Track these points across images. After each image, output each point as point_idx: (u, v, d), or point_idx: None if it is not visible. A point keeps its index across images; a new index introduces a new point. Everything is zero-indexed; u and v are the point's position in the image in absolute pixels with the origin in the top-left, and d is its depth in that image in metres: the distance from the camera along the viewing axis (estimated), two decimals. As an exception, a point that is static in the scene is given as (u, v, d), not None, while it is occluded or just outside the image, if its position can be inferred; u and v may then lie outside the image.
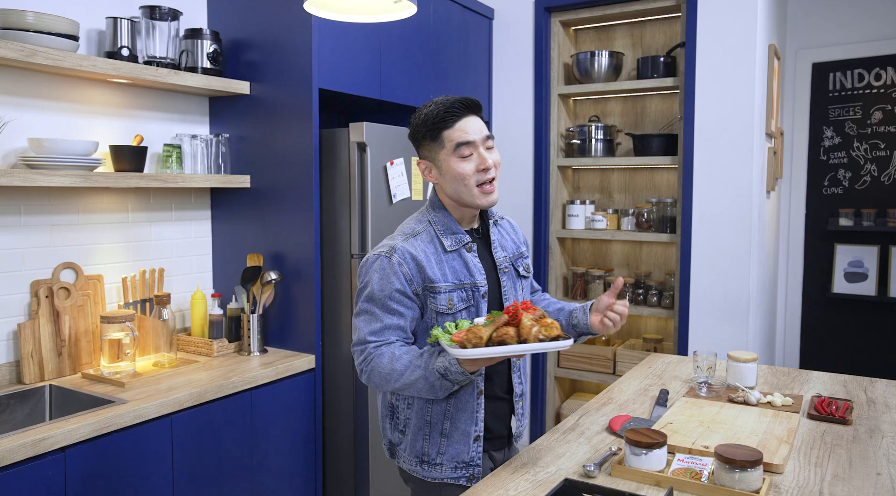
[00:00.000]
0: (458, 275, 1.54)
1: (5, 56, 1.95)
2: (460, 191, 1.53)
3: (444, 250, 1.55)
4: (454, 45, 3.37)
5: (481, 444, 1.57)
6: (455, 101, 1.53)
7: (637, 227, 3.47)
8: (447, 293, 1.52)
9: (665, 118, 3.56)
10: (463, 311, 1.53)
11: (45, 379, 2.22)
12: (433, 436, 1.57)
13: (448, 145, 1.52)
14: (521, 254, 1.72)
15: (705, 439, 1.57)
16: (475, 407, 1.55)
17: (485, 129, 1.56)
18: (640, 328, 3.70)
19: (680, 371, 2.22)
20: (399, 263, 1.52)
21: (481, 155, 1.52)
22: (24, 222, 2.22)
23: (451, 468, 1.57)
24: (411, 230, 1.59)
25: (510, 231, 1.74)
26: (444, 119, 1.52)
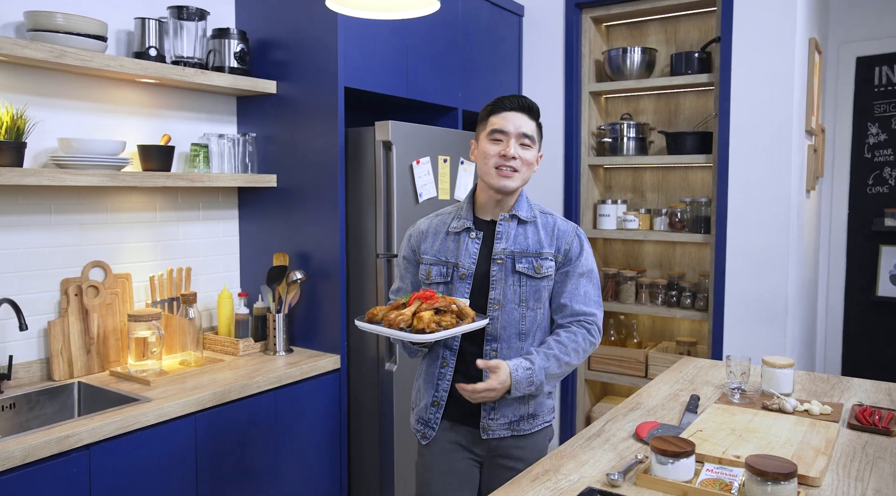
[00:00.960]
0: (446, 254, 1.73)
1: (35, 57, 1.98)
2: (482, 169, 1.70)
3: (447, 231, 1.76)
4: (483, 43, 3.33)
5: (439, 412, 1.74)
6: (512, 96, 1.70)
7: (670, 228, 3.38)
8: (427, 265, 1.74)
9: (699, 115, 3.46)
10: (440, 285, 1.71)
11: (75, 376, 2.25)
12: (416, 388, 1.84)
13: (488, 128, 1.70)
14: (539, 254, 1.69)
15: (737, 448, 1.51)
16: (436, 375, 1.74)
17: (527, 127, 1.68)
18: (673, 330, 3.61)
19: (712, 376, 2.14)
20: (411, 235, 1.83)
21: (509, 144, 1.66)
22: (55, 221, 2.25)
23: (416, 420, 1.81)
24: (441, 210, 1.85)
25: (544, 232, 1.72)
26: (495, 105, 1.70)
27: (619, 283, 3.53)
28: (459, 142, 2.98)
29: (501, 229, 1.71)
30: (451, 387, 1.71)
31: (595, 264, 1.78)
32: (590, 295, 1.72)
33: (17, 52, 1.94)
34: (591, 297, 1.73)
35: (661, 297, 3.43)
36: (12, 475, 1.67)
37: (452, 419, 1.75)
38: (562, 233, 1.73)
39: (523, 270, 1.67)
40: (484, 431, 1.71)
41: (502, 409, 1.70)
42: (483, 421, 1.70)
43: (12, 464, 1.66)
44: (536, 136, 1.71)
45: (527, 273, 1.67)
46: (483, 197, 1.74)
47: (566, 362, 1.65)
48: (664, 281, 3.44)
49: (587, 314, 1.71)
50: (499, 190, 1.68)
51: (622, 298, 3.51)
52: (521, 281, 1.68)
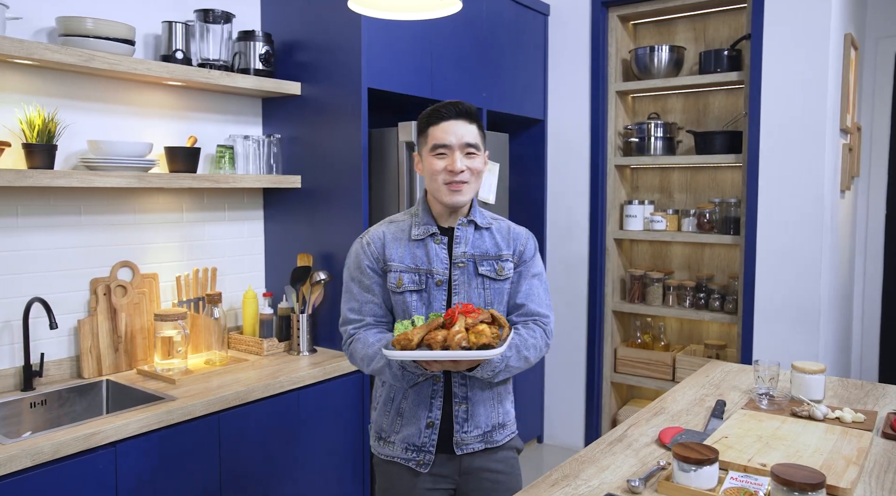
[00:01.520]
0: (416, 261, 1.63)
1: (65, 61, 2.02)
2: (432, 186, 1.63)
3: (410, 238, 1.65)
4: (508, 43, 3.31)
5: (435, 432, 1.62)
6: (448, 103, 1.62)
7: (698, 229, 3.32)
8: (398, 273, 1.63)
9: (729, 114, 3.40)
10: (414, 293, 1.62)
11: (103, 374, 2.29)
12: (391, 414, 1.68)
13: (429, 142, 1.61)
14: (499, 257, 1.66)
15: (763, 456, 1.47)
16: (430, 393, 1.62)
17: (470, 136, 1.60)
18: (701, 333, 3.55)
19: (740, 381, 2.10)
20: (368, 243, 1.67)
21: (454, 158, 1.59)
22: (84, 222, 2.30)
23: (402, 448, 1.66)
24: (392, 218, 1.73)
25: (500, 236, 1.69)
26: (432, 116, 1.61)
27: (646, 285, 3.48)
28: (483, 142, 2.96)
29: (460, 234, 1.66)
30: (443, 408, 1.63)
31: (545, 270, 1.75)
32: (542, 297, 1.69)
33: (49, 56, 1.99)
34: (544, 300, 1.70)
35: (688, 300, 3.37)
36: (42, 470, 1.70)
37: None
38: (517, 235, 1.72)
39: (486, 273, 1.64)
40: (458, 447, 1.63)
41: (475, 419, 1.64)
42: (457, 435, 1.63)
43: (42, 460, 1.69)
44: (480, 141, 1.63)
45: (489, 275, 1.64)
46: (437, 208, 1.67)
47: (525, 357, 1.59)
48: (692, 283, 3.38)
49: (542, 315, 1.68)
50: (452, 206, 1.62)
51: (649, 300, 3.46)
52: (484, 284, 1.64)
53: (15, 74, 2.10)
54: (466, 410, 1.63)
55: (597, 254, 3.53)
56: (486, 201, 2.99)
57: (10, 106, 2.09)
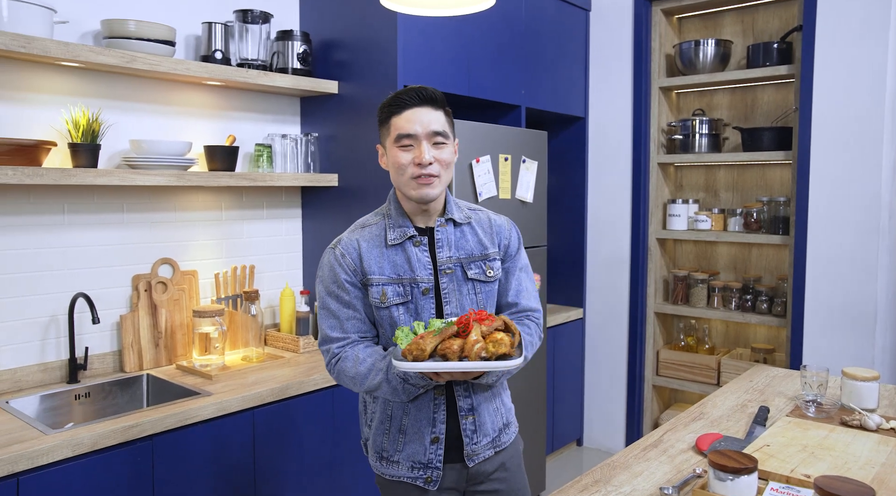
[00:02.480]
0: (398, 270, 1.50)
1: (108, 63, 2.07)
2: (398, 180, 1.50)
3: (386, 244, 1.51)
4: (548, 39, 3.26)
5: (441, 447, 1.51)
6: (409, 89, 1.48)
7: (745, 228, 3.21)
8: (380, 286, 1.49)
9: (778, 110, 3.27)
10: (400, 306, 1.49)
11: (144, 368, 2.35)
12: (392, 432, 1.55)
13: (392, 133, 1.48)
14: (485, 256, 1.55)
15: (808, 467, 1.40)
16: (432, 407, 1.51)
17: (437, 123, 1.47)
18: (748, 337, 3.43)
19: (786, 387, 2.01)
20: (342, 254, 1.52)
21: (422, 149, 1.46)
22: (127, 220, 2.35)
23: (408, 467, 1.54)
24: (363, 221, 1.59)
25: (481, 231, 1.57)
26: (393, 104, 1.48)
27: (690, 286, 3.38)
28: (521, 140, 2.92)
29: (441, 236, 1.53)
30: (448, 420, 1.53)
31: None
32: (531, 290, 1.61)
33: (92, 58, 2.04)
34: (532, 293, 1.61)
35: (734, 302, 3.26)
36: (82, 461, 1.74)
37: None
38: (499, 227, 1.60)
39: (476, 277, 1.53)
40: (469, 459, 1.54)
41: (483, 428, 1.55)
42: (467, 448, 1.53)
43: (82, 451, 1.74)
44: (448, 128, 1.50)
45: (479, 279, 1.53)
46: (408, 206, 1.54)
47: (524, 357, 1.44)
48: (738, 284, 3.27)
49: (533, 310, 1.59)
50: (421, 200, 1.48)
51: (693, 302, 3.36)
52: (475, 288, 1.53)
53: (61, 76, 2.16)
54: (474, 422, 1.53)
55: (638, 254, 3.44)
56: (524, 200, 2.95)
57: (57, 107, 2.16)
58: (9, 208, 2.08)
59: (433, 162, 1.46)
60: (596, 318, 3.64)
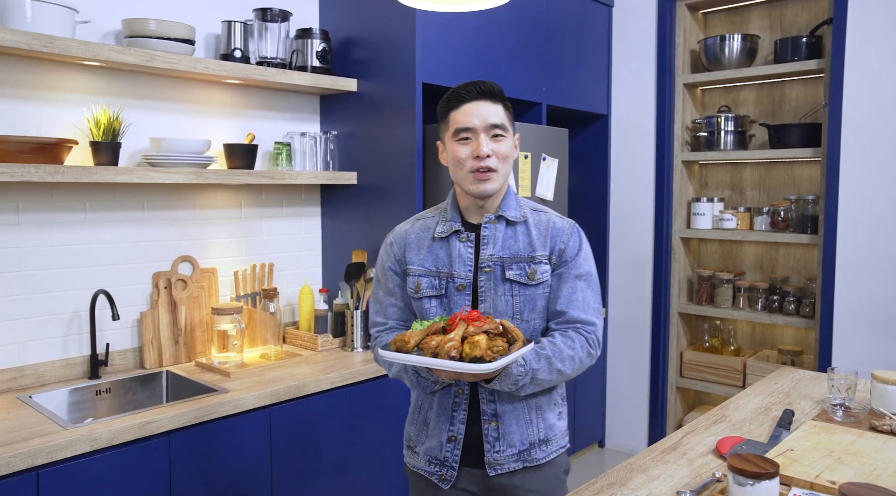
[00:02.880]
0: (437, 264, 1.51)
1: (128, 61, 2.09)
2: (457, 175, 1.49)
3: (433, 237, 1.53)
4: (569, 35, 3.22)
5: (457, 448, 1.50)
6: (468, 84, 1.48)
7: (772, 227, 3.13)
8: (416, 277, 1.52)
9: (806, 106, 3.19)
10: (433, 299, 1.50)
11: (163, 365, 2.36)
12: (418, 423, 1.58)
13: (451, 127, 1.49)
14: (531, 259, 1.48)
15: (833, 473, 1.35)
16: (451, 405, 1.50)
17: (495, 116, 1.46)
18: (774, 338, 3.35)
19: (812, 390, 1.95)
20: (391, 244, 1.59)
21: (479, 142, 1.45)
22: (147, 217, 2.37)
23: (426, 461, 1.55)
24: (422, 214, 1.62)
25: (536, 232, 1.51)
26: (452, 98, 1.49)
27: (715, 286, 3.32)
28: (542, 137, 2.89)
29: (487, 233, 1.50)
30: (468, 419, 1.50)
31: (594, 267, 1.55)
32: (588, 301, 1.50)
33: (113, 57, 2.06)
34: (591, 304, 1.50)
35: (761, 302, 3.19)
36: (100, 456, 1.76)
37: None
38: (557, 231, 1.51)
39: (514, 277, 1.47)
40: (490, 467, 1.48)
41: (508, 438, 1.48)
42: (488, 455, 1.48)
43: (100, 446, 1.75)
44: (507, 122, 1.48)
45: (518, 280, 1.47)
46: (465, 201, 1.52)
47: (557, 369, 1.42)
48: (765, 284, 3.20)
49: (585, 322, 1.49)
50: (479, 195, 1.47)
51: (717, 302, 3.30)
52: (512, 290, 1.48)
53: (83, 76, 2.19)
54: (497, 429, 1.48)
55: (662, 254, 3.39)
56: (544, 198, 2.92)
57: (79, 106, 2.18)
58: (33, 206, 2.11)
59: (491, 155, 1.45)
60: (618, 318, 3.59)
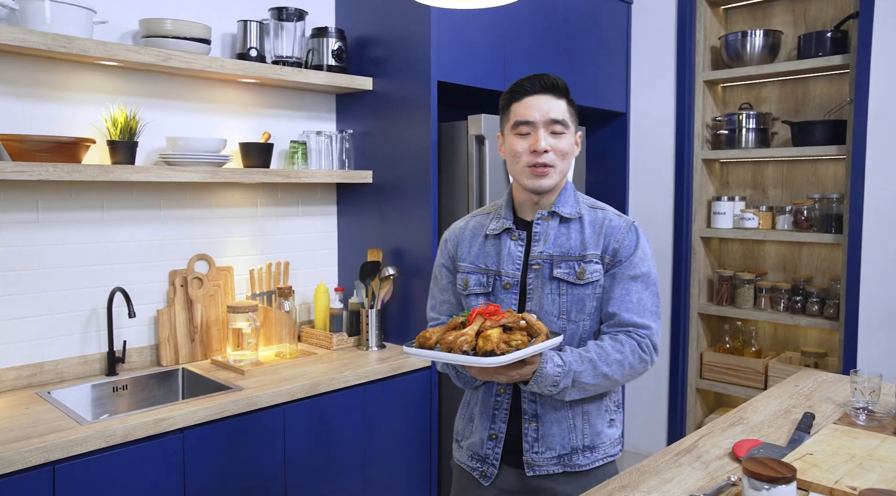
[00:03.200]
0: (486, 261, 1.52)
1: (144, 61, 2.11)
2: (513, 168, 1.49)
3: (486, 234, 1.54)
4: (587, 32, 3.19)
5: (498, 446, 1.51)
6: (532, 77, 1.47)
7: (795, 227, 3.07)
8: (465, 274, 1.54)
9: (831, 102, 3.12)
10: (480, 296, 1.50)
11: (180, 362, 2.38)
12: (465, 418, 1.61)
13: (511, 120, 1.48)
14: (582, 257, 1.45)
15: (854, 479, 1.31)
16: (493, 404, 1.51)
17: (557, 111, 1.45)
18: (797, 340, 3.28)
19: (834, 392, 1.90)
20: (446, 240, 1.61)
21: (538, 136, 1.44)
22: (164, 216, 2.39)
23: (469, 456, 1.57)
24: (480, 210, 1.63)
25: (590, 230, 1.48)
26: (514, 91, 1.48)
27: (736, 286, 3.26)
28: (558, 135, 2.86)
29: (539, 229, 1.48)
30: (510, 418, 1.50)
31: (654, 268, 1.49)
32: (644, 303, 1.45)
33: (129, 57, 2.07)
34: (647, 307, 1.45)
35: (783, 303, 3.12)
36: (114, 452, 1.77)
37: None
38: (612, 229, 1.47)
39: (562, 276, 1.44)
40: (529, 468, 1.47)
41: (548, 440, 1.46)
42: (527, 455, 1.47)
43: (114, 442, 1.77)
44: (569, 117, 1.46)
45: (567, 279, 1.44)
46: (520, 196, 1.52)
47: (603, 374, 1.39)
48: (787, 285, 3.13)
49: (639, 326, 1.43)
50: (535, 190, 1.46)
51: (738, 302, 3.24)
52: (560, 288, 1.44)
53: (101, 75, 2.21)
54: (537, 430, 1.47)
55: (681, 253, 3.34)
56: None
57: (97, 105, 2.20)
58: (52, 204, 2.14)
59: (549, 150, 1.44)
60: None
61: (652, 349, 1.46)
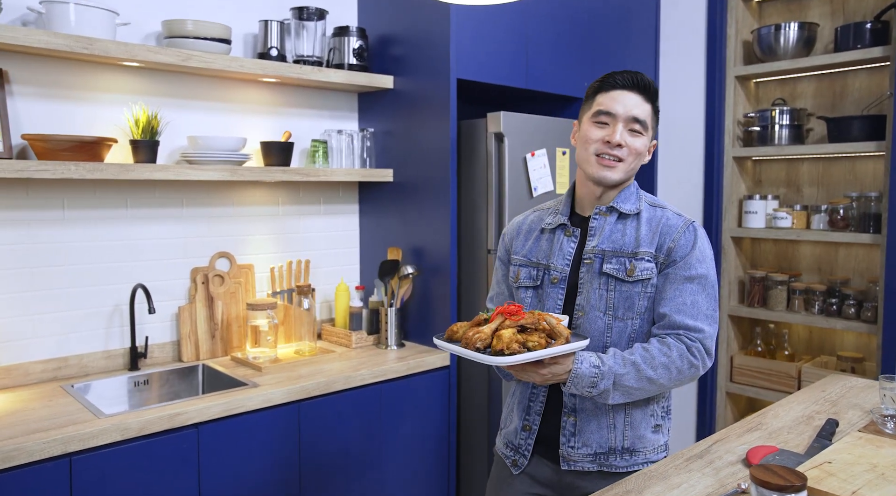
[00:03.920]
0: (538, 255, 1.54)
1: (165, 61, 2.14)
2: (581, 155, 1.49)
3: (542, 229, 1.56)
4: (614, 27, 3.13)
5: (531, 437, 1.53)
6: (625, 72, 1.47)
7: (830, 226, 2.95)
8: (517, 266, 1.57)
9: (870, 96, 2.99)
10: (529, 289, 1.53)
11: (200, 358, 2.41)
12: (508, 406, 1.63)
13: (594, 108, 1.48)
14: (634, 254, 1.43)
15: (873, 490, 1.24)
16: (529, 396, 1.54)
17: (639, 110, 1.44)
18: (833, 344, 3.16)
19: (863, 399, 1.82)
20: (504, 234, 1.65)
21: (615, 129, 1.43)
22: (186, 214, 2.43)
23: (504, 444, 1.60)
24: (544, 204, 1.65)
25: (647, 227, 1.45)
26: (604, 82, 1.48)
27: (768, 288, 3.15)
28: (581, 133, 2.81)
29: (595, 224, 1.48)
30: (546, 411, 1.51)
31: (713, 270, 1.44)
32: (699, 305, 1.40)
33: (150, 57, 2.11)
34: (701, 309, 1.40)
35: (817, 305, 3.01)
36: (130, 445, 1.81)
37: (535, 449, 1.55)
38: (669, 228, 1.44)
39: (611, 272, 1.42)
40: (564, 461, 1.48)
41: (585, 436, 1.46)
42: (562, 448, 1.47)
43: (129, 436, 1.80)
44: (650, 121, 1.46)
45: (615, 275, 1.42)
46: (583, 190, 1.51)
47: (648, 377, 1.36)
48: (823, 286, 3.02)
49: (690, 329, 1.39)
50: (598, 181, 1.45)
51: (771, 304, 3.13)
52: (608, 284, 1.43)
53: (123, 76, 2.25)
54: (574, 424, 1.46)
55: (711, 254, 3.24)
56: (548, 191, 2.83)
57: (120, 106, 2.25)
58: (77, 202, 2.19)
59: (623, 145, 1.43)
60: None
61: (704, 353, 1.41)
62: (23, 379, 2.11)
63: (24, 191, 2.10)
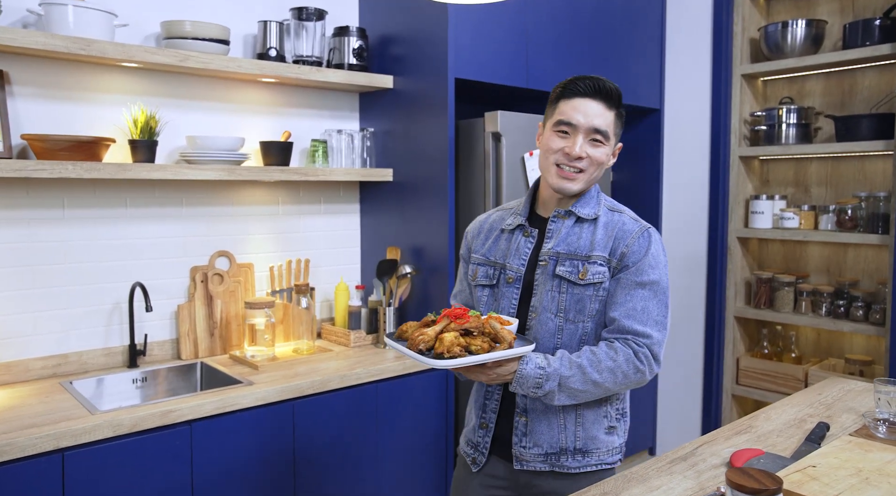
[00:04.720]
0: (496, 254, 1.55)
1: (162, 62, 2.16)
2: (543, 163, 1.49)
3: (502, 229, 1.56)
4: (618, 24, 3.10)
5: (488, 435, 1.54)
6: (589, 78, 1.43)
7: (838, 227, 2.90)
8: (476, 265, 1.57)
9: (880, 94, 2.94)
10: (486, 288, 1.54)
11: (199, 356, 2.44)
12: (469, 405, 1.64)
13: (554, 117, 1.46)
14: (587, 258, 1.42)
15: (855, 494, 1.22)
16: (485, 395, 1.55)
17: (600, 120, 1.42)
18: (842, 347, 3.10)
19: (859, 402, 1.78)
20: (468, 232, 1.66)
21: (575, 141, 1.42)
22: (185, 213, 2.45)
23: (465, 442, 1.61)
24: (505, 204, 1.65)
25: (603, 232, 1.45)
26: (566, 88, 1.45)
27: (775, 289, 3.11)
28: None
29: (553, 227, 1.48)
30: (501, 410, 1.52)
31: (666, 276, 1.43)
32: (649, 311, 1.39)
33: (148, 58, 2.13)
34: (651, 315, 1.39)
35: (825, 307, 2.96)
36: (123, 441, 1.83)
37: (491, 448, 1.56)
38: (624, 233, 1.43)
39: (563, 274, 1.42)
40: (516, 461, 1.48)
41: (535, 436, 1.45)
42: (515, 448, 1.48)
43: (122, 432, 1.82)
44: (612, 130, 1.43)
45: (567, 278, 1.42)
46: (545, 192, 1.51)
47: (593, 380, 1.36)
48: (830, 288, 2.97)
49: (639, 334, 1.38)
50: (558, 191, 1.45)
51: (777, 306, 3.09)
52: (560, 286, 1.43)
53: (121, 77, 2.28)
54: (526, 424, 1.47)
55: (716, 254, 3.21)
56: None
57: (118, 106, 2.28)
58: (77, 201, 2.22)
59: (584, 157, 1.42)
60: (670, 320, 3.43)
61: (651, 359, 1.40)
62: (23, 375, 2.15)
63: (25, 190, 2.13)
